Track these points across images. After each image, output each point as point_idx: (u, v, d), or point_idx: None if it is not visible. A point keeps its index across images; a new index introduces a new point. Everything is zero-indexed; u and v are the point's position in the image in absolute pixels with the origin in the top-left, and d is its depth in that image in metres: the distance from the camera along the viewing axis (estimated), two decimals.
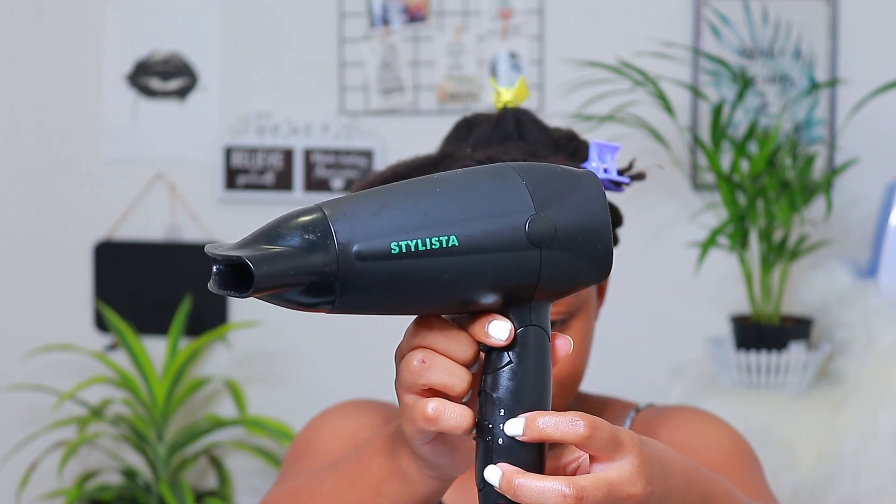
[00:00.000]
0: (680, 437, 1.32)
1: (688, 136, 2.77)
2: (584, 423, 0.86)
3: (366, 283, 0.83)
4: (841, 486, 2.28)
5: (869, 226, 2.69)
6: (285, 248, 0.81)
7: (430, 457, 0.94)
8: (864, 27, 2.75)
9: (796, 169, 2.53)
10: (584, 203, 0.89)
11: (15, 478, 3.07)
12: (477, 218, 0.85)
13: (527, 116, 1.32)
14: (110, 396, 3.04)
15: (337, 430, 1.35)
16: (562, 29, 2.89)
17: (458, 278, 0.85)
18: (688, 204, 2.82)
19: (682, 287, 2.82)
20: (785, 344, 2.49)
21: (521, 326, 0.88)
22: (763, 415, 2.39)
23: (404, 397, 0.91)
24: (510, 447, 0.88)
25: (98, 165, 3.14)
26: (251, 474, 3.11)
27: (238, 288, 0.82)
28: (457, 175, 0.87)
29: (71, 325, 3.16)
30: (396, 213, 0.84)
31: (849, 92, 2.73)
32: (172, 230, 3.11)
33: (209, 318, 3.08)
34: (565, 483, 0.85)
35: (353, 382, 2.93)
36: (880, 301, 2.43)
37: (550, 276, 0.87)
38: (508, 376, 0.88)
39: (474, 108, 2.89)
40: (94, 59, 3.12)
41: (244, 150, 3.05)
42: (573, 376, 1.31)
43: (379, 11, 2.96)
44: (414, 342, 0.89)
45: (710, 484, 0.99)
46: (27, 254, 3.19)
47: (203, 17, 3.07)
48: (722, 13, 2.79)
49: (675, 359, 2.78)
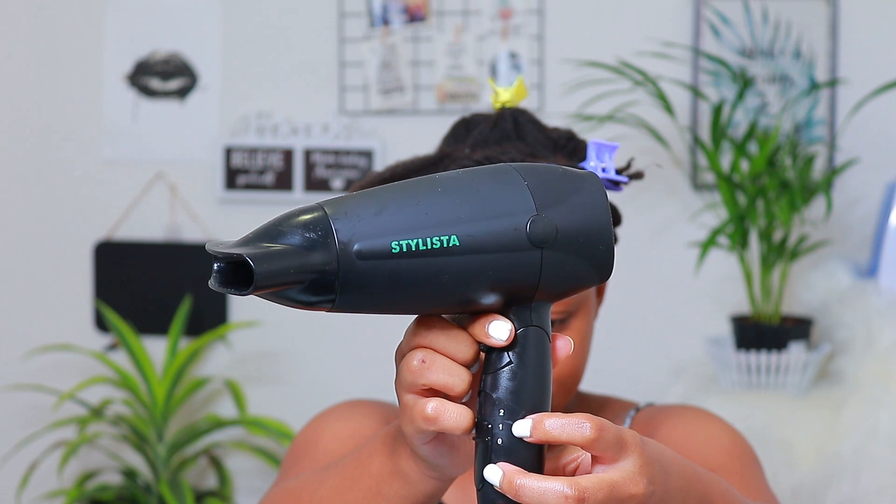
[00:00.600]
0: (680, 436, 1.32)
1: (688, 136, 2.77)
2: (590, 426, 0.86)
3: (366, 281, 0.83)
4: (841, 486, 2.28)
5: (869, 226, 2.69)
6: (286, 247, 0.81)
7: (429, 457, 0.94)
8: (864, 27, 2.75)
9: (796, 169, 2.53)
10: (586, 204, 0.89)
11: (15, 478, 3.07)
12: (478, 218, 0.85)
13: (525, 116, 1.32)
14: (110, 396, 3.04)
15: (337, 430, 1.35)
16: (562, 29, 2.89)
17: (459, 278, 0.85)
18: (688, 204, 2.81)
19: (682, 287, 2.82)
20: (785, 344, 2.49)
21: (522, 327, 0.88)
22: (763, 415, 2.39)
23: (404, 397, 0.91)
24: (510, 447, 0.88)
25: (98, 165, 3.14)
26: (251, 474, 3.11)
27: (238, 286, 0.82)
28: (458, 175, 0.87)
29: (71, 325, 3.16)
30: (397, 212, 0.84)
31: (849, 92, 2.73)
32: (172, 230, 3.11)
33: (209, 318, 3.08)
34: (567, 484, 0.85)
35: (353, 382, 2.93)
36: (880, 301, 2.43)
37: (551, 276, 0.87)
38: (508, 376, 0.88)
39: (474, 108, 2.90)
40: (94, 59, 3.12)
41: (244, 150, 3.05)
42: (573, 376, 1.31)
43: (379, 11, 2.96)
44: (414, 342, 0.89)
45: (708, 484, 0.99)
46: (27, 254, 3.19)
47: (203, 17, 3.07)
48: (722, 13, 2.79)
49: (675, 359, 2.78)
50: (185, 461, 3.00)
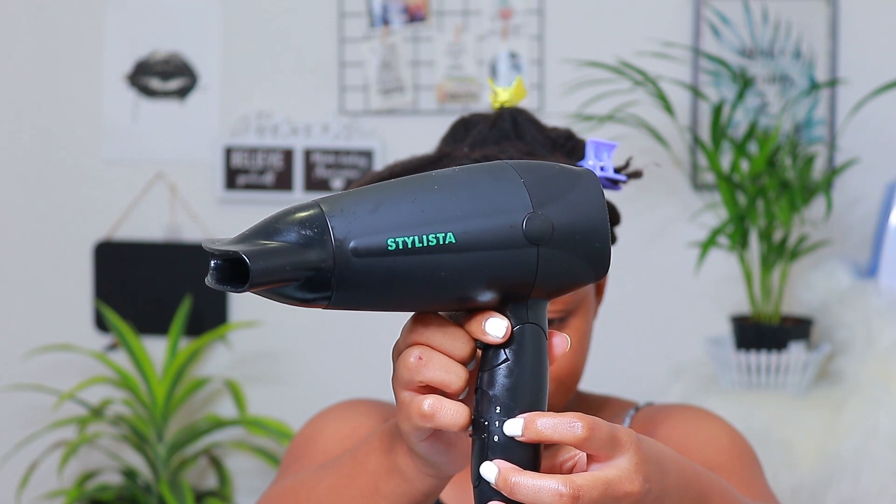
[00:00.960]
0: (679, 435, 1.32)
1: (688, 136, 2.77)
2: (582, 425, 0.86)
3: (362, 279, 0.83)
4: (841, 486, 2.28)
5: (869, 226, 2.69)
6: (282, 244, 0.82)
7: (426, 454, 0.94)
8: (864, 27, 2.75)
9: (796, 169, 2.53)
10: (582, 201, 0.89)
11: (15, 478, 3.07)
12: (474, 215, 0.85)
13: (524, 116, 1.32)
14: (110, 396, 3.04)
15: (336, 430, 1.35)
16: (562, 29, 2.89)
17: (455, 275, 0.85)
18: (688, 204, 2.81)
19: (682, 287, 2.82)
20: (785, 344, 2.48)
21: (518, 324, 0.88)
22: (763, 415, 2.39)
23: (401, 394, 0.91)
24: (506, 445, 0.88)
25: (98, 165, 3.14)
26: (251, 474, 3.11)
27: (235, 283, 0.82)
28: (454, 172, 0.87)
29: (71, 325, 3.16)
30: (393, 209, 0.84)
31: (849, 92, 2.73)
32: (172, 230, 3.11)
33: (209, 318, 3.08)
34: (562, 481, 0.85)
35: (353, 382, 2.93)
36: (880, 301, 2.43)
37: (547, 273, 0.87)
38: (505, 374, 0.88)
39: (474, 108, 2.89)
40: (94, 59, 3.12)
41: (244, 150, 3.05)
42: (572, 374, 1.31)
43: (379, 11, 2.96)
44: (411, 339, 0.89)
45: (706, 482, 0.99)
46: (27, 254, 3.19)
47: (203, 17, 3.07)
48: (722, 13, 2.79)
49: (675, 359, 2.78)
50: (185, 461, 3.00)
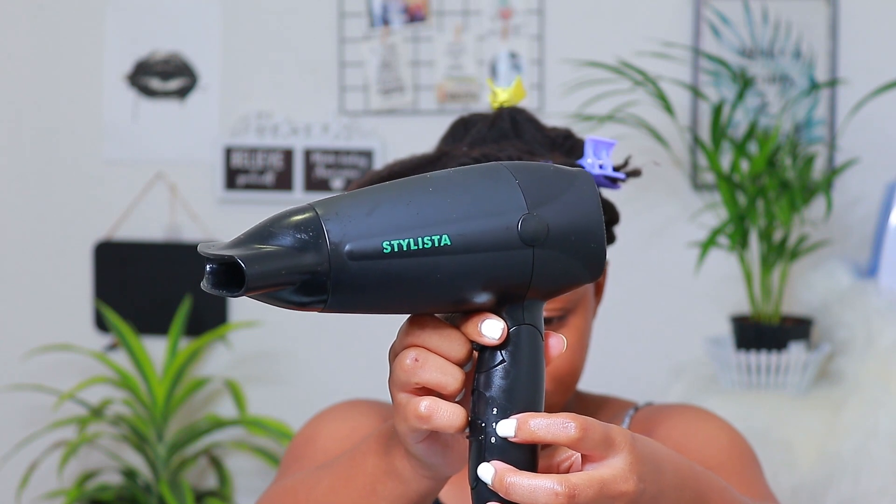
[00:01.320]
0: (678, 435, 1.32)
1: (688, 136, 2.76)
2: (574, 425, 0.86)
3: (358, 282, 0.83)
4: (841, 486, 2.28)
5: (869, 226, 2.69)
6: (277, 248, 0.82)
7: (423, 456, 0.94)
8: (864, 27, 2.75)
9: (796, 169, 2.52)
10: (578, 202, 0.89)
11: (15, 478, 3.08)
12: (469, 217, 0.85)
13: (523, 115, 1.32)
14: (110, 396, 3.04)
15: (335, 430, 1.36)
16: (562, 29, 2.89)
17: (451, 277, 0.85)
18: (688, 204, 2.81)
19: (682, 287, 2.82)
20: (785, 344, 2.48)
21: (514, 325, 0.89)
22: (763, 415, 2.39)
23: (397, 396, 0.91)
24: (503, 446, 0.88)
25: (98, 165, 3.14)
26: (251, 474, 3.11)
27: (231, 287, 0.82)
28: (449, 174, 0.87)
29: (71, 325, 3.16)
30: (388, 212, 0.84)
31: (849, 92, 2.73)
32: (172, 230, 3.11)
33: (209, 318, 3.08)
34: (557, 481, 0.86)
35: (353, 382, 2.93)
36: (880, 301, 2.43)
37: (543, 274, 0.87)
38: (501, 375, 0.88)
39: (474, 108, 2.89)
40: (94, 59, 3.12)
41: (244, 150, 3.05)
42: (570, 374, 1.31)
43: (379, 11, 2.96)
44: (407, 341, 0.89)
45: (704, 482, 0.99)
46: (27, 254, 3.19)
47: (203, 17, 3.07)
48: (722, 13, 2.78)
49: (675, 359, 2.78)
50: (185, 461, 3.01)
